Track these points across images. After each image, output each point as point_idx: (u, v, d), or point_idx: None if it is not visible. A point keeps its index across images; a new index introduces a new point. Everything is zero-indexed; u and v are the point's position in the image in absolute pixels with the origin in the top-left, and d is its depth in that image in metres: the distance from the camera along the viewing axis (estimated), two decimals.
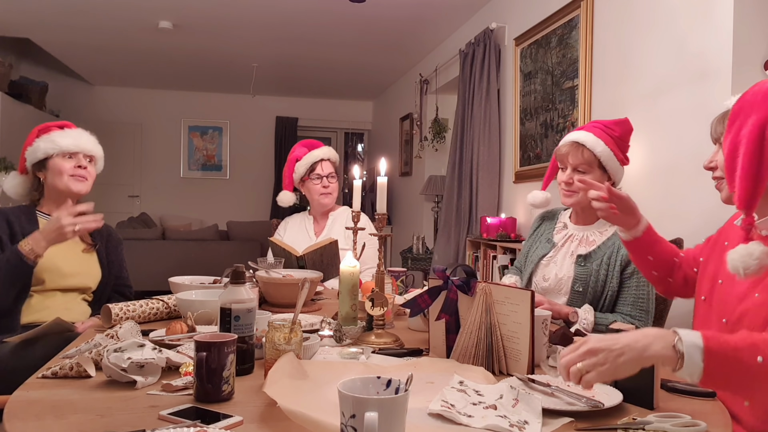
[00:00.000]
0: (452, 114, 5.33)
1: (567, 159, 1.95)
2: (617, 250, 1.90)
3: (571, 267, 1.95)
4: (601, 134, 1.94)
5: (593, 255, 1.93)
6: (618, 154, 1.95)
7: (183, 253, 6.02)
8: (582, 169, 1.93)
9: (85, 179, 2.14)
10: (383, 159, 1.62)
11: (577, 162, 1.93)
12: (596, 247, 1.94)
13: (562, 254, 2.00)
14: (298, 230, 2.87)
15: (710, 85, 2.52)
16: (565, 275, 1.95)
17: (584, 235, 1.99)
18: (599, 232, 1.98)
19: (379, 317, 1.55)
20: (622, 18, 3.13)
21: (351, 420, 0.81)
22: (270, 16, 5.20)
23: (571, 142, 1.95)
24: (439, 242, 5.02)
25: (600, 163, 1.92)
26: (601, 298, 1.91)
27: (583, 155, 1.92)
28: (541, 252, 2.05)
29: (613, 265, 1.89)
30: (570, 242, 2.01)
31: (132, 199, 8.55)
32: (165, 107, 8.61)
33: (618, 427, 1.00)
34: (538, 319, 1.33)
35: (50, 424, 0.97)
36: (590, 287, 1.90)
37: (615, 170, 1.95)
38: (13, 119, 6.14)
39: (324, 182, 2.78)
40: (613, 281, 1.89)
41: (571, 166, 1.95)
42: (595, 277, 1.90)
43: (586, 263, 1.92)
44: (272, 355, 1.20)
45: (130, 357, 1.17)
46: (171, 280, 2.05)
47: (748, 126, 1.14)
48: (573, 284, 1.93)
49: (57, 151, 2.09)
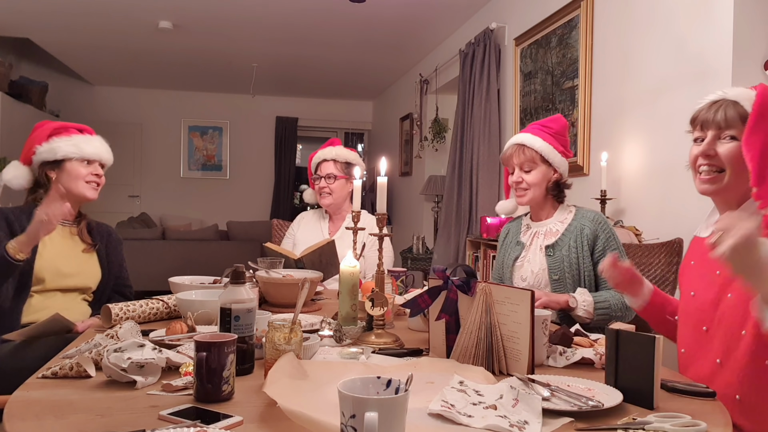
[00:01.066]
0: (452, 114, 5.33)
1: (512, 160, 2.08)
2: (581, 232, 2.00)
3: (543, 260, 2.03)
4: (539, 132, 2.08)
5: (560, 242, 2.02)
6: (558, 147, 2.07)
7: (183, 253, 6.02)
8: (527, 167, 2.06)
9: (98, 187, 2.17)
10: (383, 159, 1.62)
11: (521, 161, 2.06)
12: (561, 235, 2.04)
13: (533, 251, 2.08)
14: (312, 228, 2.87)
15: (710, 85, 2.52)
16: (539, 269, 2.03)
17: (547, 228, 2.09)
18: (560, 222, 2.08)
19: (379, 317, 1.55)
20: (622, 18, 3.13)
21: (351, 420, 0.81)
22: (270, 16, 5.20)
23: (512, 144, 2.10)
24: (439, 242, 5.02)
25: (542, 158, 2.05)
26: (580, 281, 1.98)
27: (525, 153, 2.05)
28: (513, 255, 2.13)
29: (581, 246, 1.98)
30: (536, 238, 2.10)
31: (132, 199, 8.55)
32: (165, 107, 8.61)
33: (618, 427, 1.00)
34: (538, 319, 1.33)
35: (50, 424, 0.97)
36: (566, 273, 1.98)
37: (558, 163, 2.07)
38: (13, 119, 6.14)
39: (321, 183, 2.79)
40: (585, 261, 1.98)
41: (517, 166, 2.07)
42: (568, 262, 1.98)
43: (555, 252, 2.01)
44: (272, 355, 1.20)
45: (130, 357, 1.17)
46: (171, 280, 2.05)
47: None
48: (550, 275, 2.01)
49: (78, 156, 2.11)
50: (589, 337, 1.56)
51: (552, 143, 2.06)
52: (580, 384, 1.20)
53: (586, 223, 2.01)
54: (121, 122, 8.37)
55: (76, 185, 2.11)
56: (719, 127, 1.31)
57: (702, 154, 1.33)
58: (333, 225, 2.86)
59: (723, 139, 1.31)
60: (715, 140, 1.32)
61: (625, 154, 3.07)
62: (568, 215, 2.08)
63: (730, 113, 1.30)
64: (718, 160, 1.31)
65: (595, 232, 1.99)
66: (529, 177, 2.05)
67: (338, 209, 2.85)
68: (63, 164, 2.10)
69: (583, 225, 2.00)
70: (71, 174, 2.10)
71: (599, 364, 1.36)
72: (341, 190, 2.81)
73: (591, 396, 1.12)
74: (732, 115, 1.30)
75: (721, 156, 1.30)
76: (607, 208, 3.06)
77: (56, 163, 2.10)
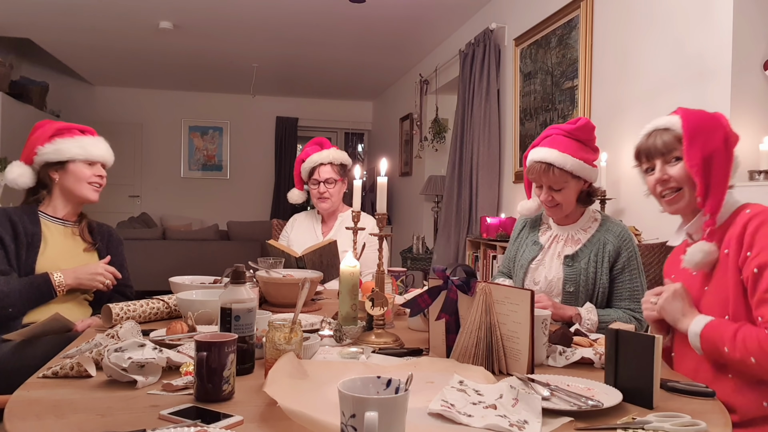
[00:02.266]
0: (452, 114, 5.33)
1: (540, 179, 1.93)
2: (603, 246, 1.91)
3: (559, 268, 1.94)
4: (566, 146, 1.90)
5: (580, 254, 1.93)
6: (587, 158, 1.92)
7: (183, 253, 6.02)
8: (557, 188, 1.91)
9: (100, 188, 2.17)
10: (383, 159, 1.62)
11: (550, 182, 1.91)
12: (582, 245, 1.94)
13: (550, 256, 1.99)
14: (306, 229, 2.86)
15: (710, 86, 2.52)
16: (554, 277, 1.94)
17: (569, 234, 1.99)
18: (583, 230, 1.98)
19: (379, 317, 1.55)
20: (621, 18, 3.13)
21: (351, 420, 0.81)
22: (270, 17, 5.20)
23: (538, 162, 1.91)
24: (439, 242, 5.02)
25: (573, 174, 1.90)
26: (593, 295, 1.91)
27: (555, 174, 1.88)
28: (529, 256, 2.03)
29: (601, 261, 1.90)
30: (556, 243, 2.00)
31: (132, 199, 8.55)
32: (165, 107, 8.61)
33: (618, 427, 1.00)
34: (538, 319, 1.33)
35: (50, 424, 0.97)
36: (581, 286, 1.90)
37: (589, 174, 1.93)
38: (13, 119, 6.14)
39: (321, 188, 2.76)
40: (603, 278, 1.90)
41: (545, 185, 1.93)
42: (585, 276, 1.90)
43: (573, 263, 1.92)
44: (272, 355, 1.20)
45: (130, 357, 1.17)
46: (171, 280, 2.05)
47: (714, 141, 1.38)
48: (564, 285, 1.92)
49: (83, 158, 2.11)
50: (589, 337, 1.56)
51: (581, 156, 1.90)
52: (579, 384, 1.20)
53: (610, 238, 1.91)
54: (122, 122, 8.37)
55: (80, 187, 2.11)
56: (662, 153, 1.46)
57: (658, 182, 1.48)
58: (326, 226, 2.86)
59: (670, 163, 1.46)
60: (665, 165, 1.46)
61: (625, 154, 3.07)
62: (593, 224, 1.97)
63: (667, 138, 1.45)
64: (674, 181, 1.45)
65: (618, 249, 1.90)
66: (560, 196, 1.91)
67: (333, 212, 2.85)
68: (67, 165, 2.10)
69: (606, 239, 1.91)
70: (75, 175, 2.10)
71: (599, 363, 1.36)
72: (339, 193, 2.81)
73: (591, 396, 1.12)
74: (669, 139, 1.45)
75: (674, 177, 1.45)
76: (607, 208, 3.07)
77: (60, 164, 2.10)
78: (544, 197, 1.94)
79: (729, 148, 1.41)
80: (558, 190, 1.91)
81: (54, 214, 2.13)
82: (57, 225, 2.13)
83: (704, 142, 1.39)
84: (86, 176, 2.11)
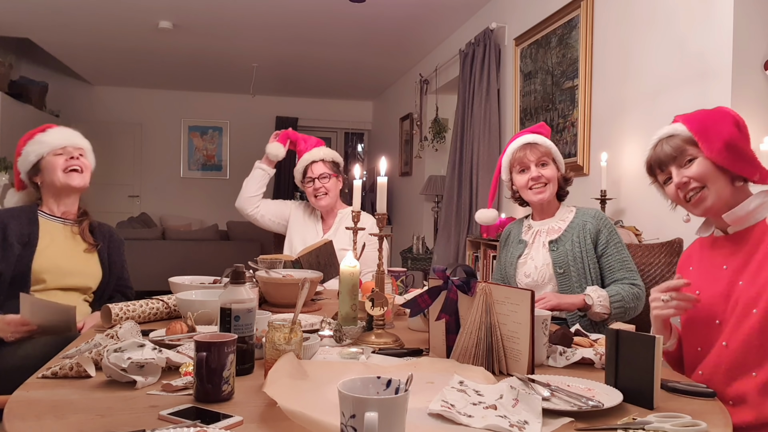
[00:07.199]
0: (452, 114, 5.33)
1: (526, 158, 2.08)
2: (583, 227, 2.04)
3: (546, 255, 2.06)
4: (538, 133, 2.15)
5: (563, 238, 2.06)
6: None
7: (183, 253, 6.03)
8: (543, 162, 2.08)
9: (80, 171, 2.15)
10: (383, 159, 1.62)
11: (537, 156, 2.07)
12: (563, 231, 2.08)
13: (535, 248, 2.11)
14: (306, 226, 2.86)
15: (710, 85, 2.52)
16: (543, 263, 2.06)
17: (549, 227, 2.12)
18: (561, 220, 2.11)
19: (379, 317, 1.55)
20: (622, 18, 3.13)
21: (351, 420, 0.81)
22: (270, 16, 5.20)
23: (522, 144, 2.12)
24: (439, 242, 5.02)
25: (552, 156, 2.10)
26: (586, 274, 2.00)
27: (540, 149, 2.08)
28: (516, 253, 2.15)
29: (584, 240, 2.02)
30: (539, 236, 2.13)
31: (132, 199, 8.55)
32: (165, 107, 8.61)
33: (618, 427, 1.00)
34: (538, 319, 1.33)
35: (50, 424, 0.97)
36: (571, 266, 2.00)
37: (561, 162, 2.14)
38: (13, 119, 6.14)
39: (316, 184, 2.78)
40: (589, 255, 2.01)
41: (533, 162, 2.08)
42: (572, 256, 2.01)
43: (558, 246, 2.05)
44: (272, 355, 1.20)
45: (130, 357, 1.17)
46: (171, 280, 2.05)
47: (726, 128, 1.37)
48: (554, 269, 2.03)
49: (47, 150, 2.12)
50: (589, 337, 1.56)
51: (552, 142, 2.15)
52: (580, 384, 1.20)
53: (588, 219, 2.06)
54: (121, 122, 8.36)
55: (56, 177, 2.11)
56: (674, 157, 1.43)
57: (679, 186, 1.43)
58: (325, 224, 2.86)
59: (684, 166, 1.42)
60: (680, 169, 1.43)
61: (625, 154, 3.07)
62: (569, 214, 2.12)
63: (676, 143, 1.43)
64: (694, 180, 1.41)
65: (598, 227, 2.03)
66: (547, 171, 2.07)
67: (332, 209, 2.85)
68: (39, 165, 2.12)
69: (585, 221, 2.05)
70: (49, 169, 2.12)
71: (599, 364, 1.36)
72: (335, 189, 2.83)
73: (591, 396, 1.12)
74: (678, 143, 1.43)
75: (694, 177, 1.40)
76: (607, 208, 3.06)
77: (35, 168, 2.13)
78: (532, 174, 2.07)
79: (743, 130, 1.40)
80: (544, 165, 2.08)
81: (52, 213, 2.15)
82: (56, 223, 2.14)
83: (717, 132, 1.38)
84: (58, 165, 2.11)
